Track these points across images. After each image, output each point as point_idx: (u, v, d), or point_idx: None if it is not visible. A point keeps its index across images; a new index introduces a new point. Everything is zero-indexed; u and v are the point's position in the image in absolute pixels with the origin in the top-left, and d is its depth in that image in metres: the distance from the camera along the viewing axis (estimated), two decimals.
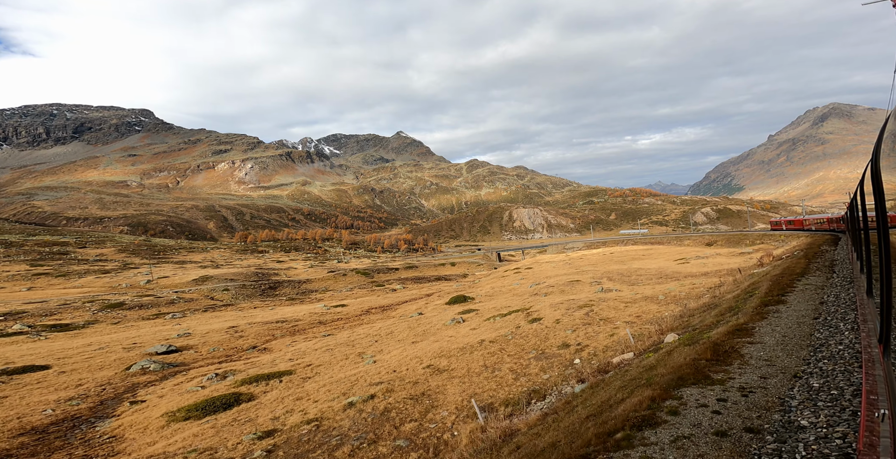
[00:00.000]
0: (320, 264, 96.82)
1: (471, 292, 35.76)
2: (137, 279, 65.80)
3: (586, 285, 27.04)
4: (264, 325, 29.56)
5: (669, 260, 41.31)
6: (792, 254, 23.01)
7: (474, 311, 25.14)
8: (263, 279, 66.44)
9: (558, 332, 16.75)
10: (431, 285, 55.38)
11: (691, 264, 33.39)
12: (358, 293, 50.57)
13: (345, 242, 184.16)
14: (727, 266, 27.72)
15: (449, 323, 22.93)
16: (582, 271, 35.54)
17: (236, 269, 75.64)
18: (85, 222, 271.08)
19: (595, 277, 29.94)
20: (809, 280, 14.97)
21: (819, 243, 29.40)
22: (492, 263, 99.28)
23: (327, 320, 31.45)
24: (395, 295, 44.68)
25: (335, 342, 23.11)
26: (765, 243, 52.68)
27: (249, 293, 58.01)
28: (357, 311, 34.40)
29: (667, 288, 22.02)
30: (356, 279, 75.29)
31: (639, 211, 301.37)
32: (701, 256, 41.71)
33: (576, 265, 44.59)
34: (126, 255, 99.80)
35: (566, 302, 20.73)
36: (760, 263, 22.91)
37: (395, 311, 32.68)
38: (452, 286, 48.64)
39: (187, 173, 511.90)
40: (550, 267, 47.05)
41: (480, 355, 15.53)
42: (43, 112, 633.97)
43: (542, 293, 26.90)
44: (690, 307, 15.43)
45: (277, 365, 19.31)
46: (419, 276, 68.43)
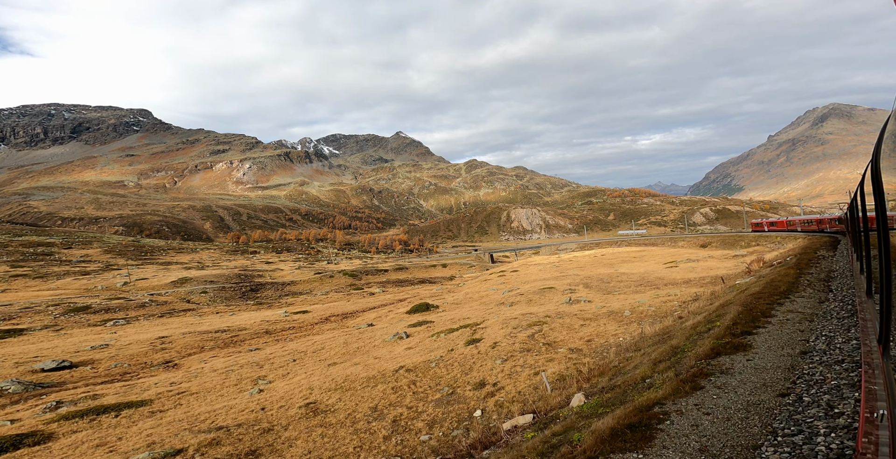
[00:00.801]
0: (309, 265, 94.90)
1: (441, 299, 33.77)
2: (115, 281, 63.90)
3: (558, 294, 25.14)
4: (201, 335, 27.51)
5: (659, 263, 39.43)
6: (784, 260, 20.87)
7: (427, 323, 23.45)
8: (246, 281, 64.52)
9: (486, 362, 14.96)
10: (412, 288, 53.45)
11: (679, 269, 31.52)
12: (332, 298, 48.61)
13: (338, 242, 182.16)
14: (714, 272, 25.74)
15: (389, 339, 21.19)
16: (564, 276, 33.67)
17: (220, 270, 73.73)
18: (80, 222, 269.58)
19: (573, 283, 28.02)
20: (795, 304, 11.73)
21: (816, 246, 27.14)
22: (484, 264, 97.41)
23: (276, 329, 29.44)
24: (367, 300, 42.70)
25: (249, 360, 21.19)
26: (760, 245, 50.80)
27: (229, 296, 56.11)
28: (315, 319, 32.37)
29: (638, 300, 20.12)
30: (342, 281, 73.35)
31: (637, 212, 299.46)
32: (692, 258, 39.84)
33: (563, 268, 42.78)
34: (111, 256, 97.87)
35: (523, 317, 18.82)
36: (748, 270, 20.98)
37: (353, 320, 30.70)
38: (432, 290, 46.72)
39: (185, 174, 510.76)
40: (537, 270, 45.24)
41: (383, 390, 13.75)
42: (41, 112, 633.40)
43: (509, 303, 25.01)
44: (646, 333, 13.43)
45: (147, 391, 17.18)
46: (403, 279, 66.51)
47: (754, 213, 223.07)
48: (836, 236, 35.29)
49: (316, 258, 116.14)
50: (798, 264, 19.10)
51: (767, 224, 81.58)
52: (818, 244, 27.92)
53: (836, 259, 20.65)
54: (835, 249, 25.65)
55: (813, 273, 16.82)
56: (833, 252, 23.96)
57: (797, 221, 70.42)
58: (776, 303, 11.94)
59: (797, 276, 16.18)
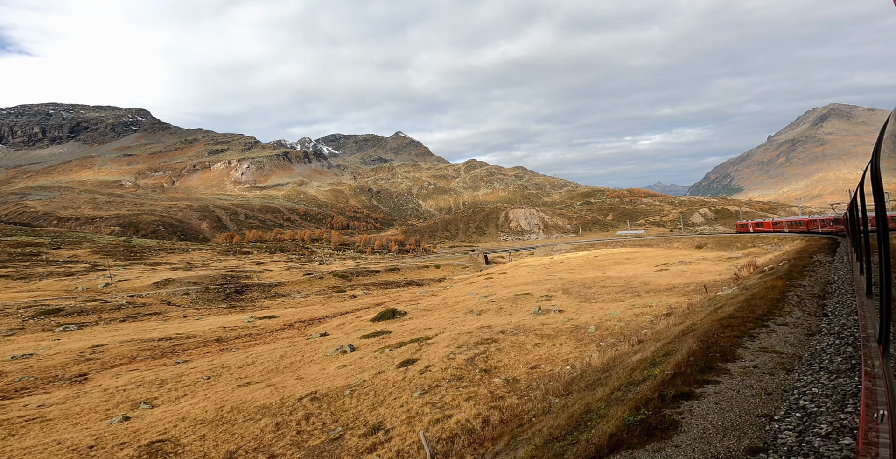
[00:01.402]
0: (300, 266, 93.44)
1: (417, 304, 32.14)
2: (97, 282, 62.44)
3: (532, 301, 23.63)
4: (142, 344, 25.88)
5: (650, 265, 37.97)
6: (776, 265, 19.03)
7: (384, 334, 21.91)
8: (231, 283, 63.07)
9: (404, 393, 13.18)
10: (396, 291, 51.93)
11: (668, 273, 30.02)
12: (311, 301, 47.04)
13: (334, 243, 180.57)
14: (702, 277, 24.15)
15: (331, 353, 19.51)
16: (548, 280, 32.16)
17: (208, 271, 72.26)
18: (76, 222, 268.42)
19: (553, 288, 26.50)
20: (772, 337, 8.74)
21: (813, 250, 25.28)
22: (478, 265, 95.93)
23: (229, 337, 27.80)
24: (344, 304, 41.04)
25: (158, 376, 19.37)
26: (757, 246, 49.32)
27: (211, 298, 54.67)
28: (277, 325, 30.80)
29: (610, 313, 18.60)
30: (331, 282, 71.92)
31: (636, 212, 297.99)
32: (685, 261, 38.37)
33: (551, 271, 41.33)
34: (100, 256, 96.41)
35: (479, 331, 17.26)
36: (736, 276, 19.41)
37: (317, 326, 29.04)
38: (415, 293, 45.23)
39: (183, 173, 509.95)
40: (526, 272, 43.81)
41: (265, 425, 11.97)
42: (39, 112, 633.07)
43: (477, 312, 23.45)
44: (593, 363, 11.56)
45: (2, 415, 15.54)
46: (391, 280, 65.03)
47: (753, 213, 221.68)
48: (835, 238, 33.62)
49: (309, 259, 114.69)
50: (790, 273, 16.83)
51: (753, 225, 79.73)
52: (816, 247, 26.20)
53: (835, 266, 18.32)
54: (834, 253, 23.59)
55: (805, 286, 14.21)
56: (832, 257, 21.71)
57: (783, 222, 68.83)
58: (748, 334, 8.98)
59: (785, 289, 13.55)
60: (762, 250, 42.70)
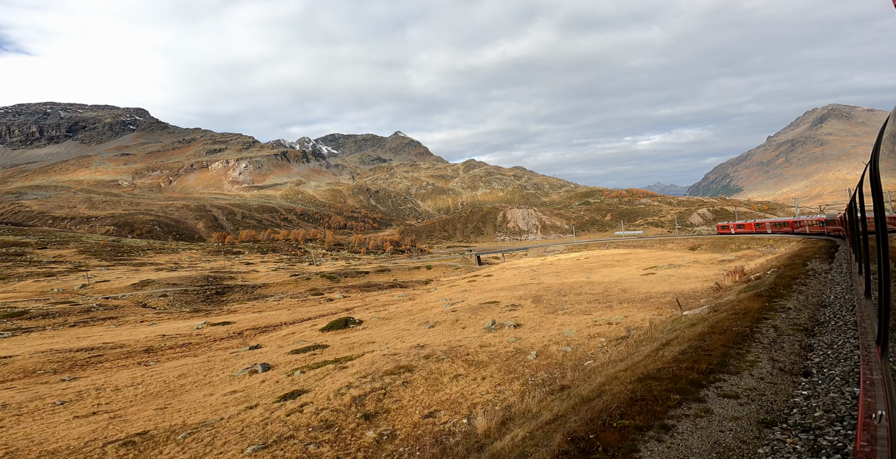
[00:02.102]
0: (290, 266, 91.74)
1: (384, 311, 30.17)
2: (75, 283, 60.73)
3: (495, 311, 21.77)
4: (56, 355, 23.64)
5: (639, 268, 36.31)
6: (763, 275, 16.68)
7: (319, 349, 19.82)
8: (213, 284, 61.35)
9: (234, 448, 10.61)
10: (377, 294, 50.05)
11: (653, 277, 28.30)
12: (284, 304, 45.20)
13: (328, 243, 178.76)
14: (683, 286, 22.11)
15: (238, 373, 17.16)
16: (527, 285, 30.35)
17: (192, 272, 70.55)
18: (71, 221, 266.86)
19: (526, 295, 24.63)
20: (698, 428, 5.43)
21: (809, 254, 22.72)
22: (470, 266, 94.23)
23: (162, 347, 25.21)
24: (313, 309, 39.00)
25: (19, 398, 16.76)
26: (751, 247, 47.63)
27: (190, 300, 52.97)
28: (225, 334, 28.75)
29: (564, 333, 16.50)
30: (317, 284, 70.26)
31: (635, 212, 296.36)
32: (675, 264, 36.67)
33: (538, 273, 39.70)
34: (86, 256, 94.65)
35: (407, 352, 15.17)
36: (717, 286, 17.49)
37: (266, 335, 26.85)
38: (394, 297, 43.47)
39: (180, 173, 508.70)
40: (511, 274, 42.15)
41: None
42: (36, 111, 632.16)
43: (432, 324, 21.38)
44: (478, 429, 9.27)
45: None
46: (374, 283, 63.30)
47: (752, 213, 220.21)
48: (833, 241, 31.65)
49: (300, 259, 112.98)
50: (774, 288, 13.57)
51: (734, 226, 78.74)
52: (812, 251, 23.90)
53: (832, 278, 15.13)
54: (831, 259, 20.49)
55: (790, 309, 10.65)
56: (829, 264, 18.73)
57: (766, 223, 68.15)
58: (659, 421, 5.61)
59: (760, 315, 10.10)
60: (756, 252, 41.00)
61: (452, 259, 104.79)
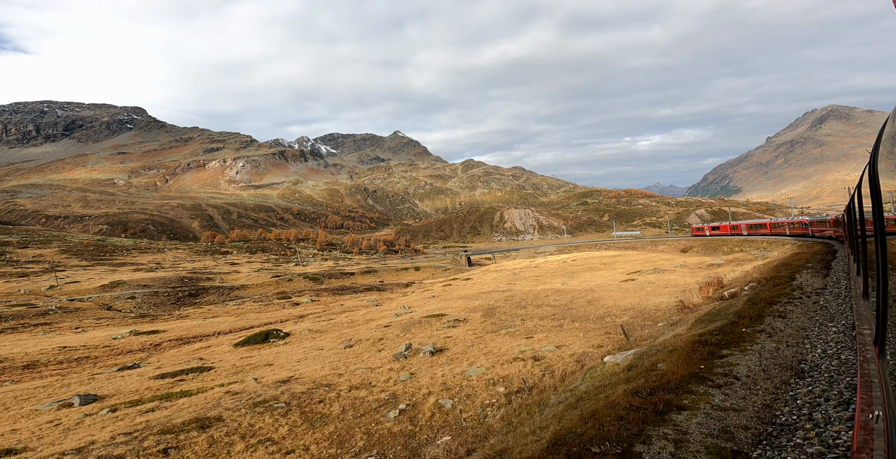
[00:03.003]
0: (275, 267, 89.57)
1: (325, 321, 27.36)
2: (44, 284, 58.53)
3: (432, 328, 19.29)
4: None
5: (622, 273, 34.15)
6: (738, 291, 13.69)
7: (196, 372, 17.43)
8: (187, 286, 59.14)
9: None
10: (347, 298, 47.66)
11: (631, 285, 26.09)
12: (242, 309, 42.78)
13: (319, 242, 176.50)
14: (651, 302, 19.27)
15: (44, 407, 14.20)
16: (492, 293, 28.12)
17: (168, 273, 68.32)
18: (65, 220, 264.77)
19: (482, 306, 22.16)
20: None
21: (800, 262, 19.52)
22: (460, 267, 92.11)
23: (49, 361, 21.78)
24: (268, 315, 36.26)
25: None
26: (743, 250, 45.46)
27: (160, 302, 50.80)
28: (142, 345, 25.75)
29: (467, 372, 13.69)
30: (300, 285, 68.13)
31: (632, 212, 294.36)
32: (661, 268, 34.50)
33: (519, 277, 37.59)
34: (67, 256, 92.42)
35: (254, 391, 12.71)
36: (682, 305, 14.86)
37: (177, 349, 24.16)
38: (363, 302, 41.17)
39: (177, 172, 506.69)
40: (490, 278, 40.04)
41: None
42: (33, 109, 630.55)
43: (352, 342, 18.87)
44: None
45: None
46: (350, 285, 61.05)
47: (750, 214, 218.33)
48: (831, 244, 29.27)
49: (288, 260, 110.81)
50: (734, 326, 9.48)
51: (709, 229, 78.64)
52: (805, 258, 20.99)
53: (824, 303, 11.20)
54: (827, 269, 16.85)
55: (735, 384, 6.30)
56: (823, 277, 15.26)
57: (742, 225, 67.56)
58: None
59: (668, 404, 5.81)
60: (748, 255, 38.81)
61: (443, 260, 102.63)
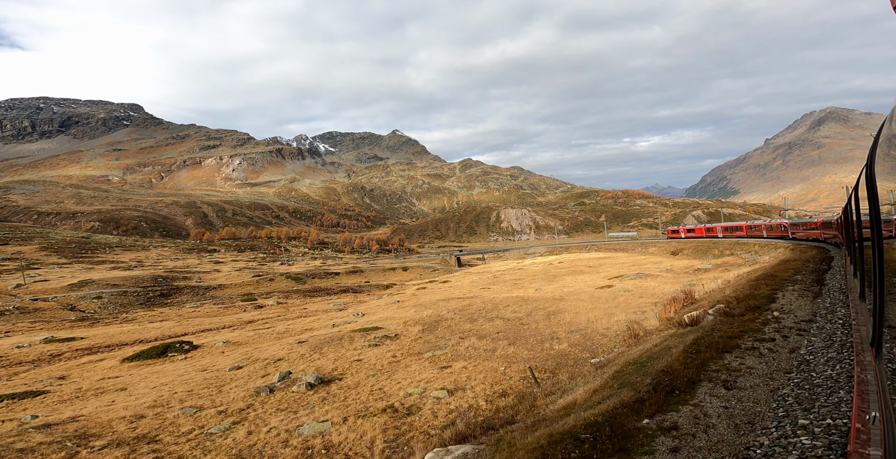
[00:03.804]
0: (260, 265, 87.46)
1: (267, 328, 25.03)
2: (11, 283, 56.35)
3: (352, 345, 16.71)
4: None
5: (604, 277, 32.21)
6: (701, 317, 10.97)
7: (20, 400, 15.00)
8: (160, 285, 57.06)
9: None
10: (319, 301, 45.53)
11: (604, 294, 24.02)
12: (199, 312, 40.35)
13: (311, 241, 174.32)
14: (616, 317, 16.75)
15: None
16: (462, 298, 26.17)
17: (143, 272, 66.18)
18: (57, 216, 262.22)
19: (429, 317, 19.86)
20: None
21: (788, 273, 16.50)
22: (450, 267, 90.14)
23: None
24: (219, 319, 33.39)
25: None
26: (734, 254, 43.46)
27: (128, 302, 48.74)
28: (41, 355, 22.63)
29: (309, 428, 11.01)
30: (283, 285, 66.08)
31: (629, 213, 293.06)
32: (645, 273, 32.50)
33: (499, 280, 35.68)
34: (46, 253, 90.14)
35: None
36: (633, 333, 12.16)
37: (74, 361, 21.65)
38: (329, 305, 38.97)
39: (172, 169, 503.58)
40: (467, 282, 38.14)
41: None
42: (29, 105, 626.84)
43: (242, 365, 16.42)
44: None
45: None
46: (323, 287, 58.89)
47: (746, 215, 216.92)
48: (827, 249, 27.12)
49: (276, 258, 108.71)
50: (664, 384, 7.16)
51: (684, 231, 79.44)
52: (796, 266, 18.11)
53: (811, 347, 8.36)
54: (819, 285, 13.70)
55: None
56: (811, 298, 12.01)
57: (717, 227, 68.12)
58: None
59: None
60: (738, 259, 36.79)
61: (433, 261, 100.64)
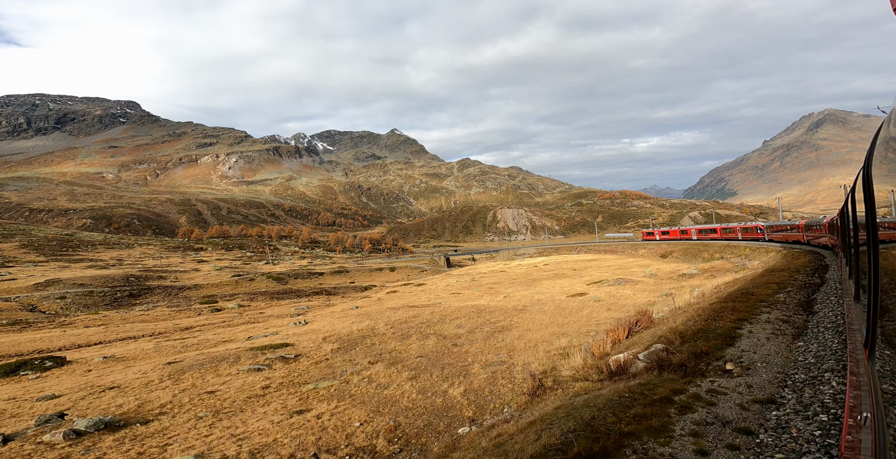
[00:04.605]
0: (243, 265, 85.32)
1: (182, 341, 22.09)
2: None
3: (230, 366, 14.52)
4: None
5: (583, 283, 30.24)
6: (630, 362, 7.34)
7: None
8: (131, 285, 54.93)
9: None
10: (286, 304, 43.50)
11: (575, 303, 21.91)
12: (148, 316, 38.26)
13: (302, 240, 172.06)
14: (558, 343, 13.58)
15: None
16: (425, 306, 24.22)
17: (117, 271, 64.02)
18: (49, 213, 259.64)
19: (360, 330, 17.86)
20: None
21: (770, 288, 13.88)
22: (439, 268, 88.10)
23: None
24: (151, 326, 30.49)
25: None
26: (724, 257, 41.45)
27: (93, 302, 46.66)
28: None
29: None
30: (263, 285, 63.99)
31: (626, 214, 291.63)
32: (626, 279, 30.38)
33: (477, 283, 33.77)
34: (25, 251, 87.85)
35: None
36: (535, 387, 8.81)
37: None
38: (290, 310, 36.85)
39: (168, 166, 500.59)
40: (444, 285, 36.16)
41: None
42: (25, 102, 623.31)
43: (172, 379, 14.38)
44: None
45: None
46: (294, 289, 56.71)
47: (743, 217, 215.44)
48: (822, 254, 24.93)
49: (262, 257, 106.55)
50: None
51: (659, 233, 79.94)
52: (783, 278, 15.31)
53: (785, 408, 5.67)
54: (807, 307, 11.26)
55: None
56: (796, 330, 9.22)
57: (691, 229, 68.60)
58: None
59: None
60: (727, 264, 34.69)
61: (421, 261, 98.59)
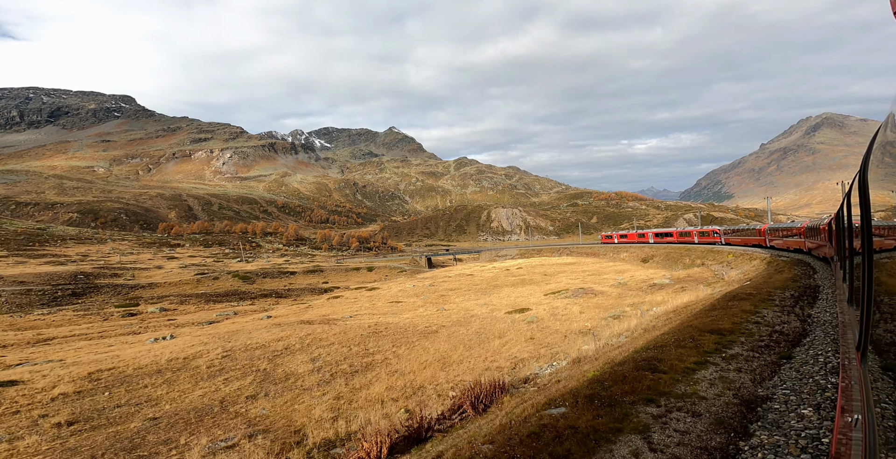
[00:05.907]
0: (215, 262, 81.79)
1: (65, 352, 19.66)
2: None
3: None
4: None
5: (541, 293, 26.86)
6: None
7: None
8: (77, 283, 51.41)
9: None
10: (220, 307, 40.23)
11: (507, 322, 18.91)
12: (41, 322, 34.38)
13: (286, 237, 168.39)
14: (452, 378, 11.05)
15: None
16: (358, 315, 21.07)
17: (68, 267, 60.42)
18: (35, 207, 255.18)
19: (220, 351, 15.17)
20: None
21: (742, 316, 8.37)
22: (419, 269, 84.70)
23: None
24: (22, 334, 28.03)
25: None
26: (705, 264, 38.10)
27: (29, 302, 43.25)
28: None
29: None
30: (228, 284, 60.49)
31: (621, 215, 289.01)
32: (587, 290, 26.79)
33: (434, 290, 30.57)
34: None
35: None
36: None
37: None
38: (214, 315, 33.58)
39: (161, 161, 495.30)
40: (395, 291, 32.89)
41: None
42: (18, 95, 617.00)
43: None
44: None
45: None
46: (241, 291, 52.99)
47: (738, 220, 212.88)
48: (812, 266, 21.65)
49: (239, 255, 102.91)
50: None
51: (618, 236, 79.51)
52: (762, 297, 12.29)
53: None
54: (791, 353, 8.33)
55: None
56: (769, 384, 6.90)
57: (648, 233, 67.83)
58: None
59: None
60: (706, 272, 31.37)
61: (403, 261, 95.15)
